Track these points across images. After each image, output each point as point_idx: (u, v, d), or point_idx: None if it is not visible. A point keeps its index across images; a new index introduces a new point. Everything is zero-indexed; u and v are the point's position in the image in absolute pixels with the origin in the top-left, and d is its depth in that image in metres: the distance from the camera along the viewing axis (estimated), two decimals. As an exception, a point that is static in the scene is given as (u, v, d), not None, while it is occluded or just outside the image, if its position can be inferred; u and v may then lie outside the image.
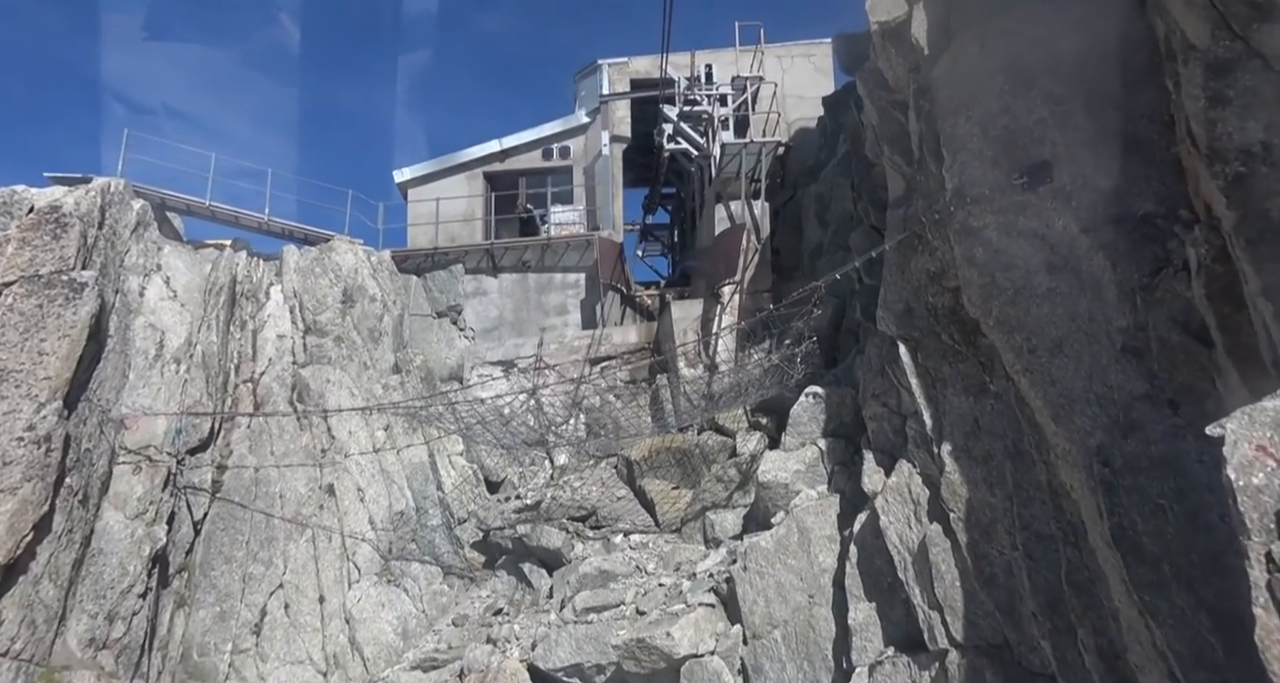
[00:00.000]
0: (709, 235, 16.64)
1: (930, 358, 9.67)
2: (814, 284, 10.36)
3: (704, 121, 17.60)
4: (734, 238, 14.69)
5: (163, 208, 18.12)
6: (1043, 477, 8.07)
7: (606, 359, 16.83)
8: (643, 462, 14.28)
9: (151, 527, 12.70)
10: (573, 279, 19.36)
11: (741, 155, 15.18)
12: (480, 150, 20.74)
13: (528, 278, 19.42)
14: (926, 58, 10.86)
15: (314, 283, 17.72)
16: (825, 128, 17.56)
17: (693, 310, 15.41)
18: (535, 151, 20.86)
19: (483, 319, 19.23)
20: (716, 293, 15.08)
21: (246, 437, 15.14)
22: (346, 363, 16.74)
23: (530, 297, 19.32)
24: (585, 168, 20.71)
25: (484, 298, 19.36)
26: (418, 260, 19.48)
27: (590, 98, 20.58)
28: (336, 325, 17.23)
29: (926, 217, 9.83)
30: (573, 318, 19.09)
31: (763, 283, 15.03)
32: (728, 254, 14.74)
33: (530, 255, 19.43)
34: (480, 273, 19.48)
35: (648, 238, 28.38)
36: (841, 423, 11.46)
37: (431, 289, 19.33)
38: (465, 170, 20.79)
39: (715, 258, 15.46)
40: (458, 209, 20.49)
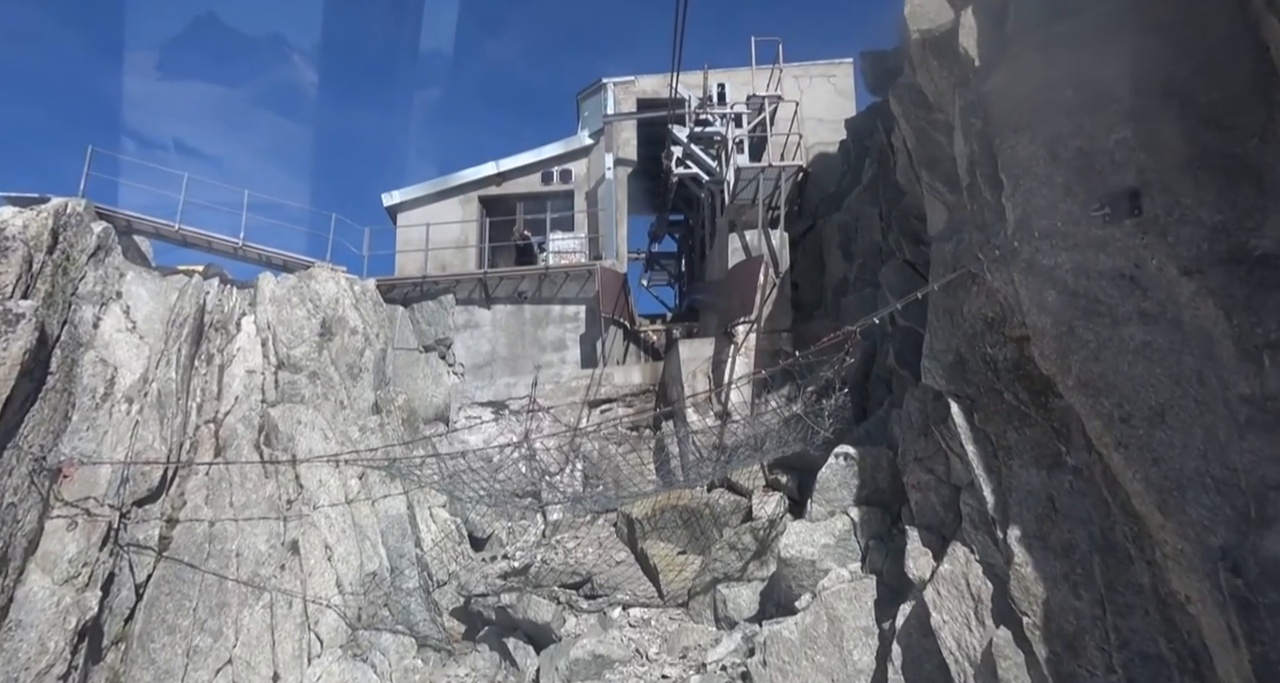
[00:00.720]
0: (721, 267, 15.19)
1: (990, 420, 8.11)
2: (848, 328, 8.85)
3: (716, 144, 16.24)
4: (750, 271, 13.23)
5: (129, 231, 16.76)
6: (1145, 579, 6.48)
7: (607, 402, 15.30)
8: (645, 521, 12.69)
9: (83, 593, 11.10)
10: (572, 312, 17.91)
11: (759, 180, 13.78)
12: (475, 173, 19.41)
13: (523, 310, 17.97)
14: (977, 70, 9.45)
15: (290, 313, 16.28)
16: (848, 152, 16.18)
17: (703, 351, 13.91)
18: (534, 175, 19.53)
19: (473, 354, 17.74)
20: (729, 332, 13.59)
21: (204, 486, 13.59)
22: (321, 402, 15.23)
23: (526, 330, 17.85)
24: (587, 193, 19.36)
25: (475, 331, 17.89)
26: (405, 290, 18.06)
27: (594, 119, 19.29)
28: (312, 360, 15.75)
29: (984, 252, 8.34)
30: (571, 354, 17.60)
31: (781, 321, 13.54)
32: (743, 289, 13.27)
33: (526, 286, 18.00)
34: (472, 304, 18.04)
35: (653, 267, 26.99)
36: (877, 489, 9.88)
37: (419, 321, 17.88)
38: (459, 194, 19.45)
39: (728, 292, 13.98)
40: (450, 235, 19.11)
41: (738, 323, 13.24)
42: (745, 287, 13.15)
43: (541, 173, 19.51)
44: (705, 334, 16.09)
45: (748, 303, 12.97)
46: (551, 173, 19.49)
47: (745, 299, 13.07)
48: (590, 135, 19.40)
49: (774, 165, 13.56)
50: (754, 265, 13.21)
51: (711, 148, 16.32)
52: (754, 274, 13.04)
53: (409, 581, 13.25)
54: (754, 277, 12.97)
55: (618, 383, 15.53)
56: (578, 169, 19.50)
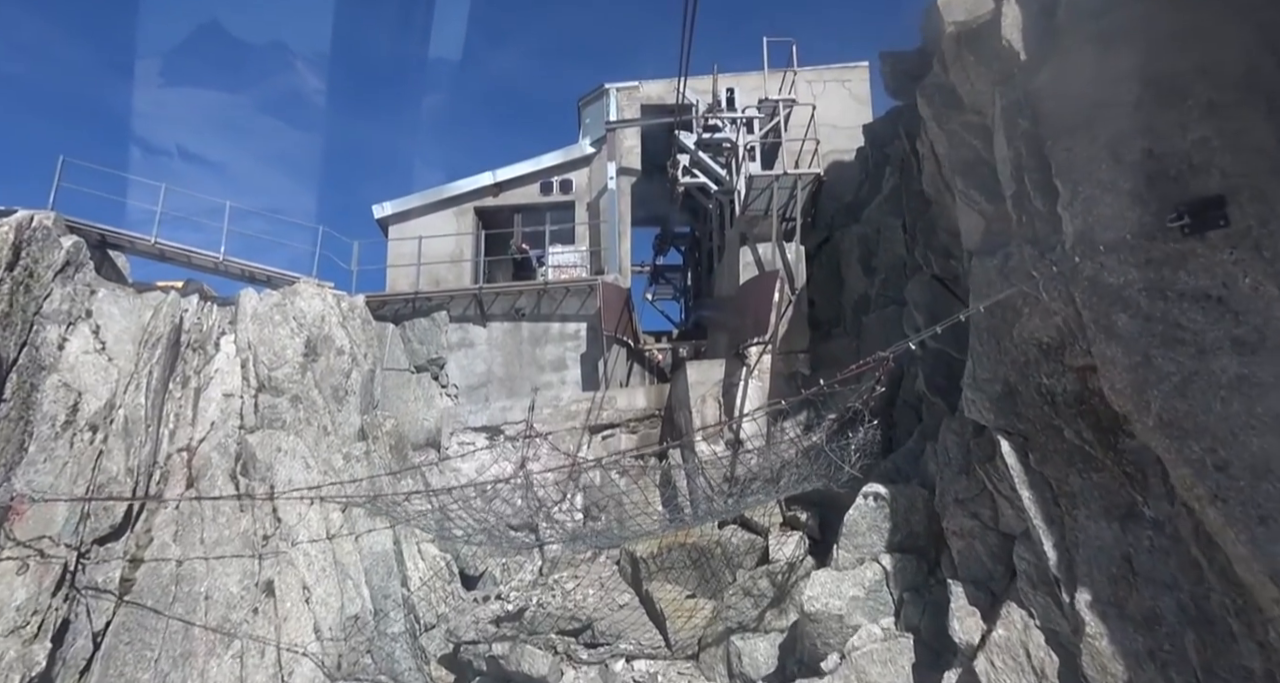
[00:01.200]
0: (731, 283, 14.18)
1: (1048, 462, 7.07)
2: (879, 355, 7.81)
3: (726, 151, 15.28)
4: (763, 287, 12.23)
5: (103, 246, 15.83)
6: (1255, 663, 5.41)
7: (609, 427, 14.27)
8: (651, 560, 11.63)
9: (30, 646, 10.06)
10: (572, 329, 16.90)
11: (772, 189, 12.79)
12: (471, 183, 18.47)
13: (521, 328, 16.97)
14: (1023, 65, 8.46)
15: (272, 332, 15.29)
16: (866, 160, 15.20)
17: (712, 373, 12.89)
18: (533, 185, 18.58)
19: (468, 375, 16.73)
20: (741, 353, 12.57)
21: (173, 521, 12.56)
22: (303, 428, 14.21)
23: (523, 349, 16.84)
24: (589, 204, 18.40)
25: (470, 350, 16.88)
26: (396, 306, 17.07)
27: (596, 126, 18.35)
28: (295, 383, 14.75)
29: (1039, 268, 7.31)
30: (571, 374, 16.58)
31: (798, 341, 12.52)
32: (755, 306, 12.26)
33: (524, 302, 17.01)
34: (467, 321, 17.04)
35: (659, 281, 26.01)
36: (911, 533, 8.82)
37: (410, 339, 16.89)
38: (454, 206, 18.50)
39: (740, 309, 12.97)
40: (444, 249, 18.14)
41: (750, 344, 12.23)
42: (758, 304, 12.14)
43: (540, 183, 18.56)
44: (714, 354, 15.06)
45: (761, 322, 11.95)
46: (551, 183, 18.55)
47: (759, 317, 12.06)
48: (592, 143, 18.46)
49: (789, 173, 12.59)
50: (768, 281, 12.21)
51: (720, 155, 15.36)
52: (768, 290, 12.03)
53: (394, 624, 12.19)
54: (768, 293, 11.96)
55: (620, 407, 14.51)
56: (579, 179, 18.56)
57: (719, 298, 15.36)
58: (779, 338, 12.02)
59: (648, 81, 18.48)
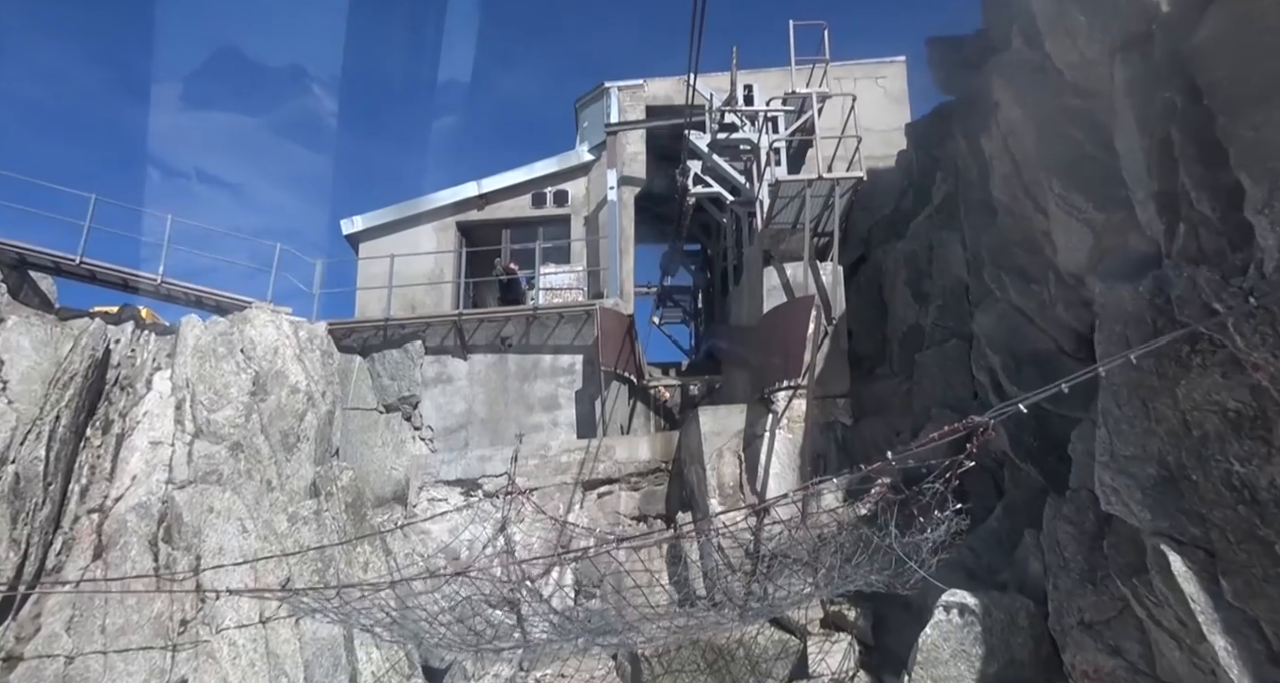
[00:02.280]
0: (752, 310, 11.90)
1: (1256, 593, 4.70)
2: (975, 420, 5.45)
3: (745, 155, 13.07)
4: (794, 317, 9.93)
5: (22, 266, 13.72)
6: None
7: (606, 483, 11.93)
8: (656, 660, 9.27)
9: None
10: (566, 362, 14.63)
11: (804, 198, 10.53)
12: (453, 195, 16.30)
13: (507, 360, 14.70)
14: (1168, 18, 6.19)
15: (215, 367, 13.07)
16: (911, 165, 12.95)
17: (730, 421, 10.58)
18: (523, 197, 16.40)
19: (445, 415, 14.45)
20: (767, 397, 10.26)
21: (69, 604, 10.27)
22: (243, 482, 11.94)
23: (509, 385, 14.56)
24: (586, 218, 16.20)
25: (448, 386, 14.61)
26: (364, 335, 14.83)
27: (595, 130, 16.19)
28: (238, 427, 12.50)
29: (1227, 301, 5.00)
30: (565, 414, 14.29)
31: (836, 383, 10.20)
32: (785, 340, 9.96)
33: (511, 330, 14.75)
34: (445, 353, 14.79)
35: (666, 304, 23.74)
36: (1013, 662, 6.44)
37: (380, 374, 14.63)
38: (433, 220, 16.32)
39: (764, 343, 10.67)
40: (421, 269, 15.95)
41: (779, 387, 9.91)
42: (788, 337, 9.83)
43: (532, 194, 16.38)
44: (731, 394, 12.74)
45: (792, 360, 9.64)
46: (544, 194, 16.36)
47: (789, 354, 9.75)
48: (590, 150, 16.29)
49: (824, 178, 10.33)
50: (800, 310, 9.91)
51: (739, 160, 13.15)
52: (800, 321, 9.73)
53: (338, 734, 9.84)
54: (800, 324, 9.67)
55: (620, 458, 12.18)
56: (575, 190, 16.37)
57: (736, 327, 13.06)
58: (814, 379, 9.70)
59: (654, 80, 16.32)
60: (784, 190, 10.66)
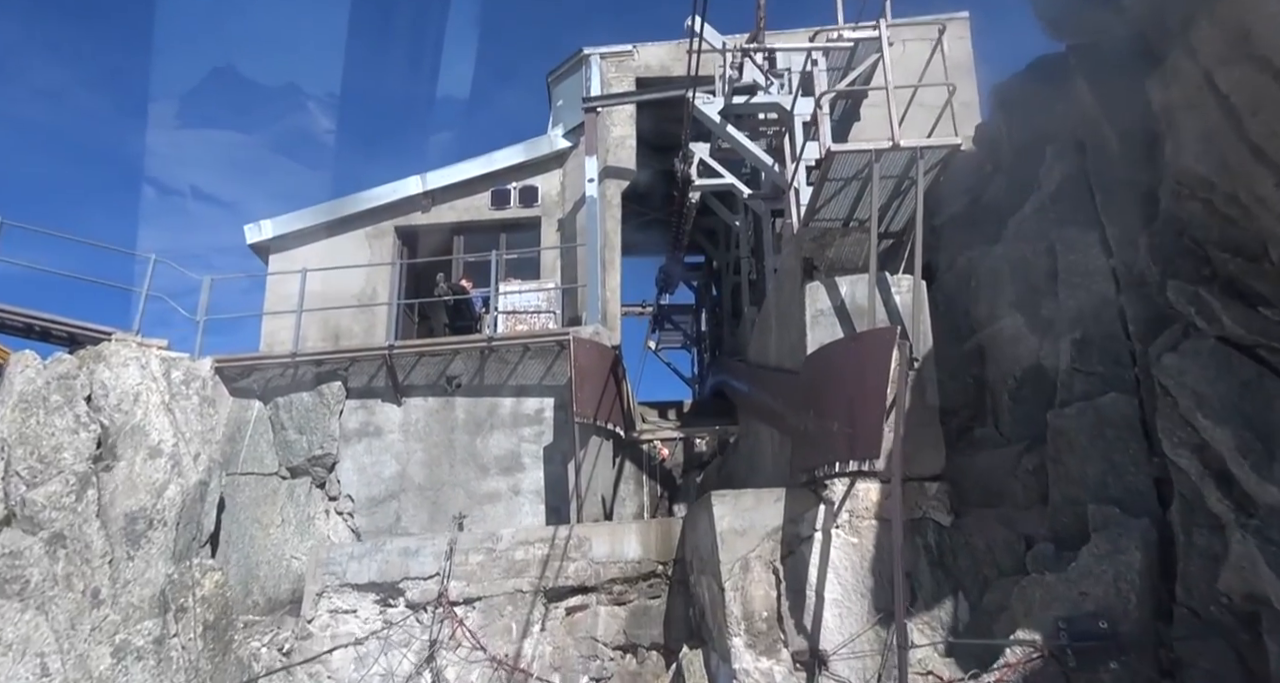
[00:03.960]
0: (785, 343, 8.35)
1: None
2: None
3: (768, 130, 9.58)
4: (865, 362, 6.32)
5: None
6: None
7: (579, 592, 8.29)
8: None
9: None
10: (532, 408, 11.08)
11: (868, 178, 7.01)
12: (391, 192, 12.80)
13: (454, 406, 11.14)
14: None
15: (46, 423, 9.50)
16: (999, 140, 9.44)
17: (760, 515, 6.95)
18: (481, 195, 12.91)
19: (370, 480, 10.87)
20: (818, 479, 6.67)
21: None
22: (57, 594, 8.35)
23: (456, 440, 10.99)
24: (561, 220, 12.71)
25: (376, 442, 11.04)
26: (268, 375, 11.28)
27: (571, 110, 12.72)
28: (64, 510, 8.92)
29: None
30: (529, 479, 10.72)
31: (925, 460, 6.60)
32: (851, 397, 6.34)
33: (461, 367, 11.21)
34: (373, 396, 11.24)
35: (664, 326, 20.22)
36: None
37: (285, 426, 11.05)
38: (366, 224, 12.82)
39: (813, 397, 7.05)
40: (349, 287, 12.43)
41: (841, 471, 6.31)
42: (858, 394, 6.23)
43: (492, 191, 12.89)
44: (753, 453, 9.17)
45: (864, 428, 6.04)
46: (507, 191, 12.86)
47: (858, 419, 6.16)
48: (566, 134, 12.82)
49: (901, 145, 6.79)
50: (873, 350, 6.30)
51: (762, 134, 9.64)
52: (874, 368, 6.13)
53: None
54: (875, 372, 6.06)
55: (599, 555, 8.54)
56: (547, 185, 12.88)
57: (760, 366, 9.47)
58: (896, 454, 6.10)
59: (646, 45, 12.85)
60: (837, 167, 7.12)
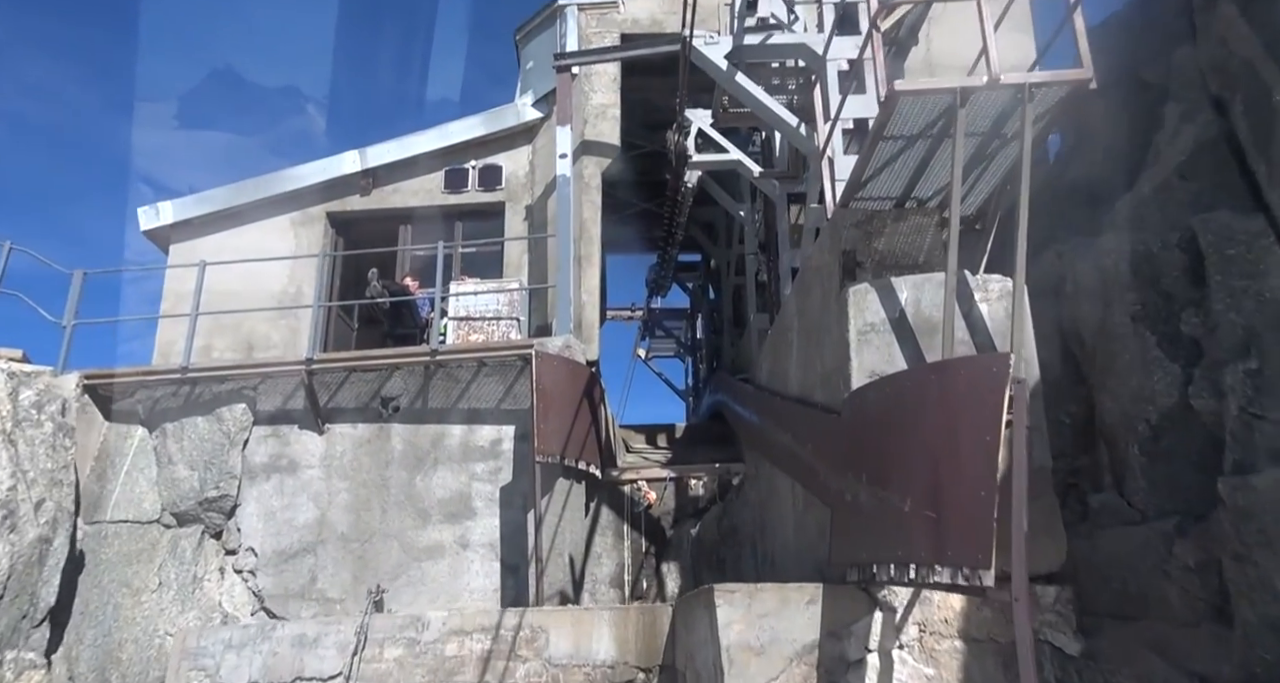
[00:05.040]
0: (819, 371, 6.13)
1: None
2: None
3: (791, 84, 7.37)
4: (952, 399, 4.13)
5: None
6: None
7: (532, 707, 6.06)
8: None
9: None
10: (487, 439, 8.84)
11: (948, 136, 4.82)
12: (321, 170, 10.53)
13: (390, 436, 8.89)
14: None
15: None
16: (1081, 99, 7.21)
17: (784, 624, 4.75)
18: (432, 175, 10.66)
19: (281, 530, 8.60)
20: (876, 579, 4.45)
21: None
22: None
23: (392, 478, 8.73)
24: (530, 206, 10.47)
25: (290, 480, 8.77)
26: (156, 395, 9.00)
27: (542, 74, 10.47)
28: None
29: None
30: (482, 529, 8.49)
31: (1040, 555, 4.37)
32: (935, 451, 4.13)
33: (400, 386, 8.97)
34: (288, 422, 8.98)
35: (655, 332, 18.02)
36: None
37: (174, 459, 8.77)
38: (291, 208, 10.55)
39: (863, 445, 4.82)
40: (270, 285, 10.16)
41: (925, 578, 4.10)
42: (944, 450, 4.03)
43: (446, 171, 10.64)
44: (765, 501, 6.97)
45: (964, 512, 3.84)
46: (464, 171, 10.62)
47: (951, 495, 3.97)
48: (538, 103, 10.59)
49: (1004, 80, 4.60)
50: (972, 385, 4.03)
51: (784, 88, 7.42)
52: (978, 415, 3.90)
53: None
54: (978, 422, 3.85)
55: (558, 655, 6.21)
56: (513, 164, 10.64)
57: (777, 395, 7.25)
58: (1017, 552, 3.90)
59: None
60: (899, 120, 4.90)
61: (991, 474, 3.74)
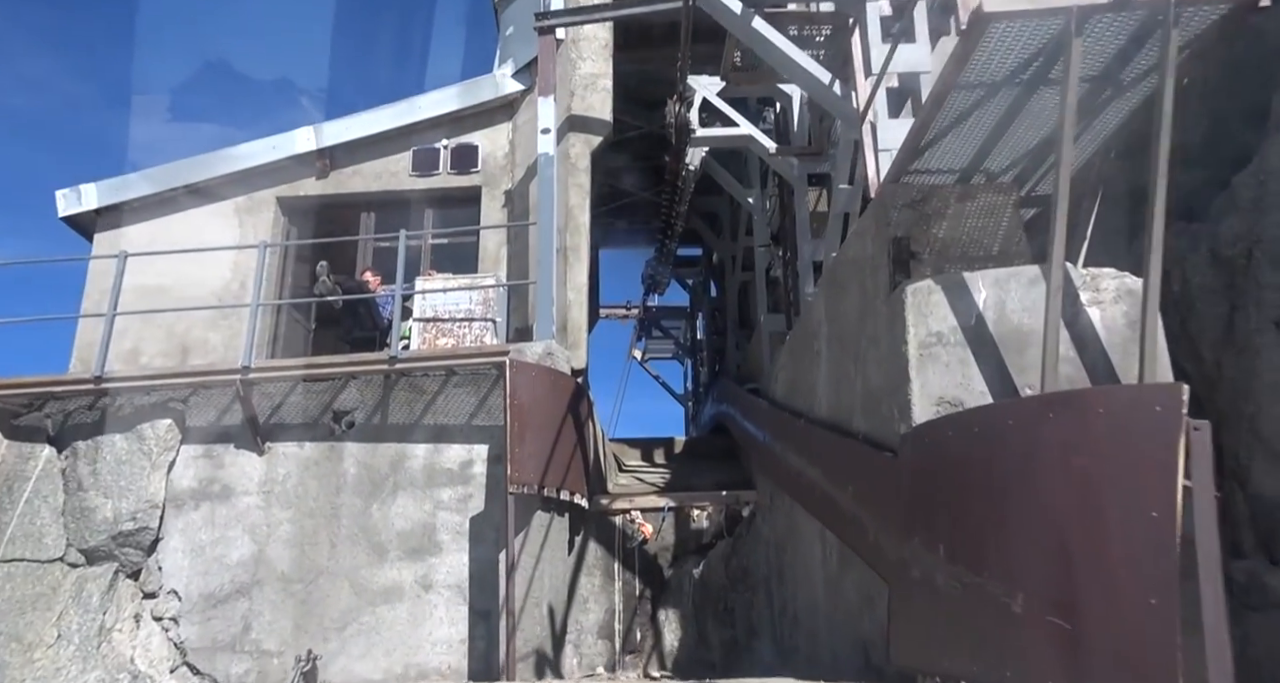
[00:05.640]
0: (861, 390, 4.85)
1: None
2: None
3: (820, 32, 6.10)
4: (1095, 452, 2.84)
5: None
6: None
7: None
8: None
9: None
10: (457, 460, 7.55)
11: (1063, 74, 3.52)
12: (270, 150, 9.21)
13: (342, 456, 7.60)
14: None
15: None
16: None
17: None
18: (398, 156, 9.35)
19: (210, 569, 7.31)
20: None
21: None
22: None
23: (344, 506, 7.45)
24: (510, 192, 9.16)
25: (223, 508, 7.47)
26: (68, 408, 7.70)
27: (523, 41, 9.15)
28: None
29: None
30: (448, 568, 7.22)
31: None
32: (1068, 531, 2.84)
33: (355, 398, 7.69)
34: (222, 441, 7.68)
35: (652, 332, 16.74)
36: None
37: (84, 485, 7.46)
38: (234, 193, 9.23)
39: (937, 503, 3.55)
40: (211, 279, 8.85)
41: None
42: (1084, 531, 2.75)
43: (414, 151, 9.32)
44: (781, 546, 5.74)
45: (1125, 628, 2.54)
46: (434, 151, 9.31)
47: (1099, 600, 2.68)
48: (518, 73, 9.27)
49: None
50: (1128, 432, 2.76)
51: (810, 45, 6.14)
52: (1139, 480, 2.62)
53: None
54: (1138, 492, 2.58)
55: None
56: (490, 144, 9.33)
57: (790, 408, 5.98)
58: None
59: (629, -49, 9.30)
60: (982, 60, 3.61)
61: (1170, 570, 2.46)
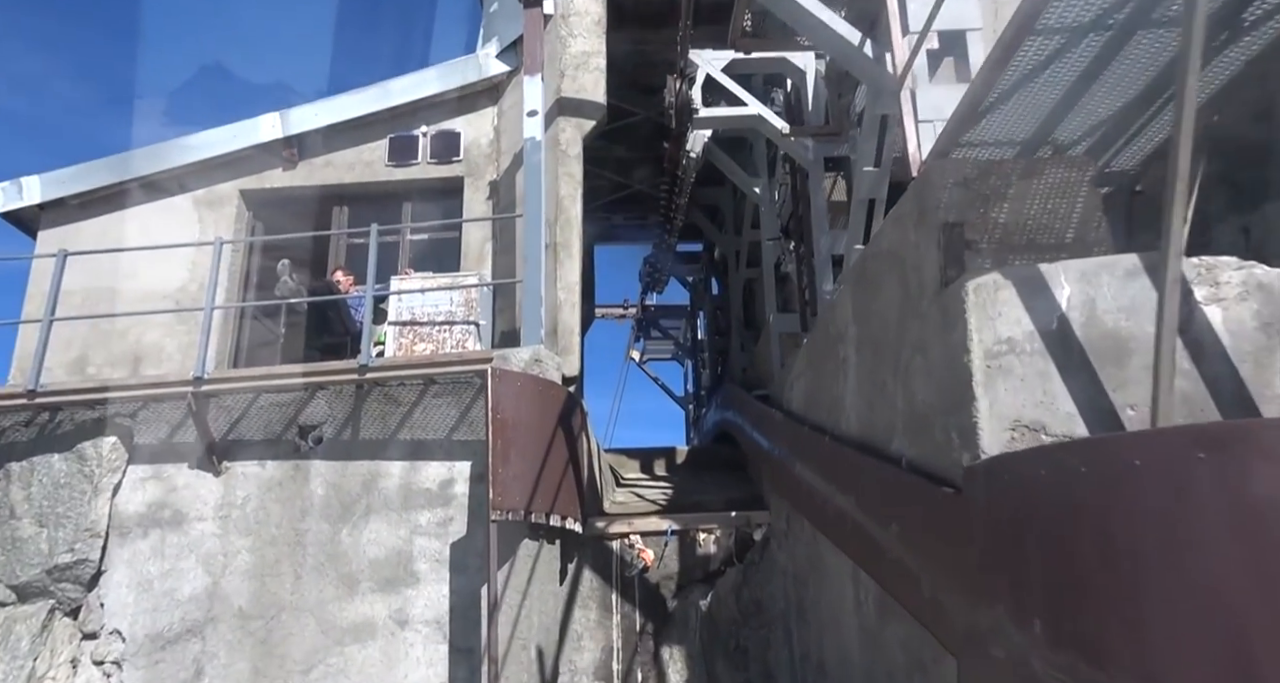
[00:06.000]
0: (901, 407, 4.09)
1: None
2: None
3: None
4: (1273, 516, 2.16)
5: None
6: None
7: None
8: None
9: None
10: (435, 479, 6.78)
11: (1140, 34, 2.78)
12: (232, 138, 8.42)
13: (309, 475, 6.82)
14: None
15: None
16: None
17: None
18: (373, 145, 8.56)
19: (159, 605, 6.53)
20: None
21: None
22: None
23: (309, 532, 6.67)
24: (495, 182, 8.38)
25: (174, 536, 6.70)
26: (4, 423, 6.91)
27: (511, 14, 8.37)
28: None
29: None
30: (425, 600, 6.45)
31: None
32: (1244, 610, 2.12)
33: (323, 411, 6.92)
34: (173, 460, 6.91)
35: (651, 332, 15.98)
36: None
37: (16, 512, 6.68)
38: (194, 186, 8.45)
39: (1021, 555, 2.81)
40: (167, 280, 8.06)
41: None
42: (1242, 609, 2.05)
43: (390, 139, 8.54)
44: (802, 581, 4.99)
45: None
46: (412, 139, 8.52)
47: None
48: (504, 53, 8.49)
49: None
50: None
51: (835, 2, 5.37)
52: None
53: None
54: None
55: None
56: (474, 131, 8.55)
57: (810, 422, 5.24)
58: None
59: (623, -81, 8.53)
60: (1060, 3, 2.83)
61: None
